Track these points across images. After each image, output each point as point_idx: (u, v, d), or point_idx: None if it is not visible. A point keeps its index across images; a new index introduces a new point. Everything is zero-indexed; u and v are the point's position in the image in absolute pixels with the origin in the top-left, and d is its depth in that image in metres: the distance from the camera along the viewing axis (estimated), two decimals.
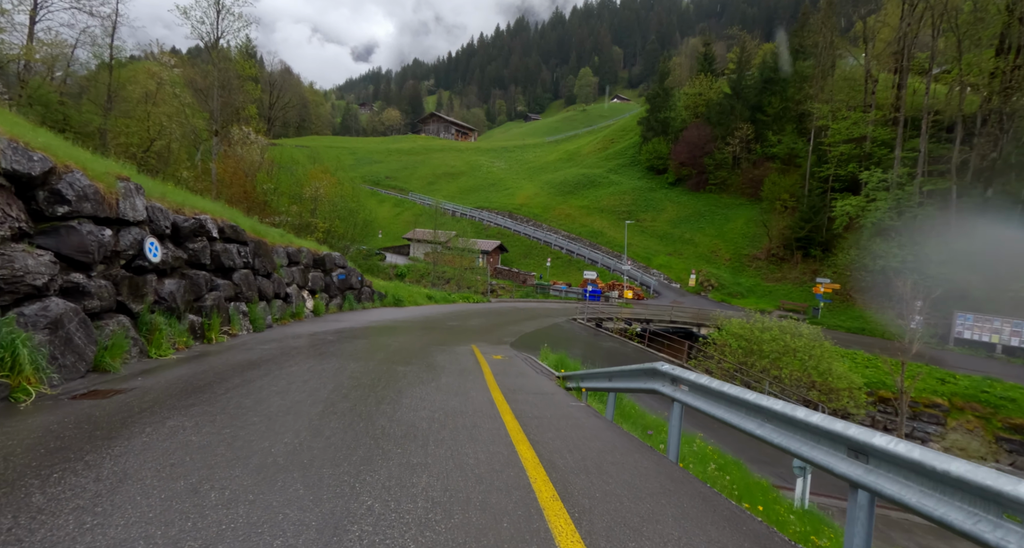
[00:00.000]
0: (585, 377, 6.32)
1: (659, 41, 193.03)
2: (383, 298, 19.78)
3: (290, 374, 6.18)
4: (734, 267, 42.76)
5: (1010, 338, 26.24)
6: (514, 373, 7.90)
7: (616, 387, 5.16)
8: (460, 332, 14.52)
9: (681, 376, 3.73)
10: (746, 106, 52.92)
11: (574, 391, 6.77)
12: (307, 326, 12.16)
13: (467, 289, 35.05)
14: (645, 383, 4.42)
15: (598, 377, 5.74)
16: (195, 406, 4.39)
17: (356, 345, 9.53)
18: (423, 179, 75.99)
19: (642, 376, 4.57)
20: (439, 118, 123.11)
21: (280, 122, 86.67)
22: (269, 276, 11.73)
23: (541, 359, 10.54)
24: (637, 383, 4.63)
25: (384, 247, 52.78)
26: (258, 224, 12.36)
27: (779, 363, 16.14)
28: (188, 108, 28.35)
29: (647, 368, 4.33)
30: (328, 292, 15.69)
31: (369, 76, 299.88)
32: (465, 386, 6.25)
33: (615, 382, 5.23)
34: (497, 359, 9.59)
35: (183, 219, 8.16)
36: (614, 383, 5.24)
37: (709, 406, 3.45)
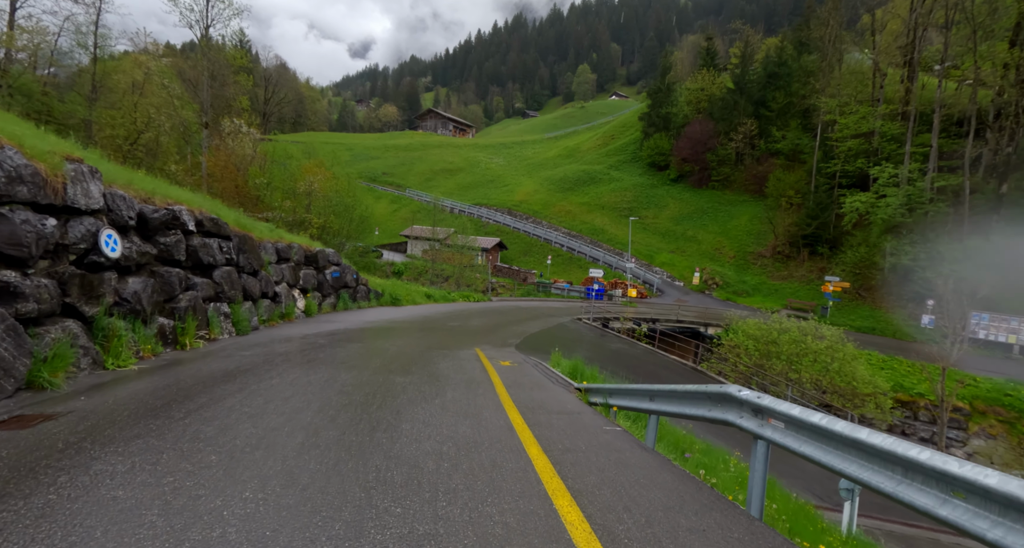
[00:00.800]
0: (615, 393, 5.39)
1: (657, 38, 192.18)
2: (380, 297, 18.84)
3: (269, 389, 5.25)
4: (739, 265, 41.93)
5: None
6: (528, 384, 6.99)
7: (661, 410, 4.23)
8: (462, 334, 13.61)
9: (770, 407, 2.83)
10: (749, 101, 52.04)
11: (600, 407, 5.87)
12: (297, 328, 11.22)
13: (466, 287, 34.13)
14: (709, 410, 3.50)
15: (634, 395, 4.81)
16: (140, 438, 3.46)
17: (349, 350, 8.61)
18: (420, 175, 74.92)
19: (704, 401, 3.64)
20: (437, 114, 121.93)
21: (275, 118, 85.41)
22: (255, 274, 10.79)
23: (552, 365, 9.63)
24: (697, 409, 3.71)
25: (381, 244, 51.77)
26: (243, 217, 11.40)
27: (797, 366, 15.30)
28: (177, 99, 27.26)
29: (715, 392, 3.41)
30: (321, 291, 14.74)
31: (366, 73, 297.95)
32: (475, 403, 5.33)
33: (659, 404, 4.31)
34: (506, 366, 8.67)
35: (152, 209, 7.20)
36: (658, 405, 4.32)
37: (819, 451, 2.54)
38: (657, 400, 4.36)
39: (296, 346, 8.64)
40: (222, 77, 27.96)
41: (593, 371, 8.59)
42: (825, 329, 15.47)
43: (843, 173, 38.69)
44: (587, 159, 70.41)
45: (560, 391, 6.74)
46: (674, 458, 5.35)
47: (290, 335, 10.00)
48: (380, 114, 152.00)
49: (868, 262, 32.61)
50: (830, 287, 31.41)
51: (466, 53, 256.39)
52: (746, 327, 16.91)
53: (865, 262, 32.75)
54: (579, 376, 8.31)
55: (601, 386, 5.85)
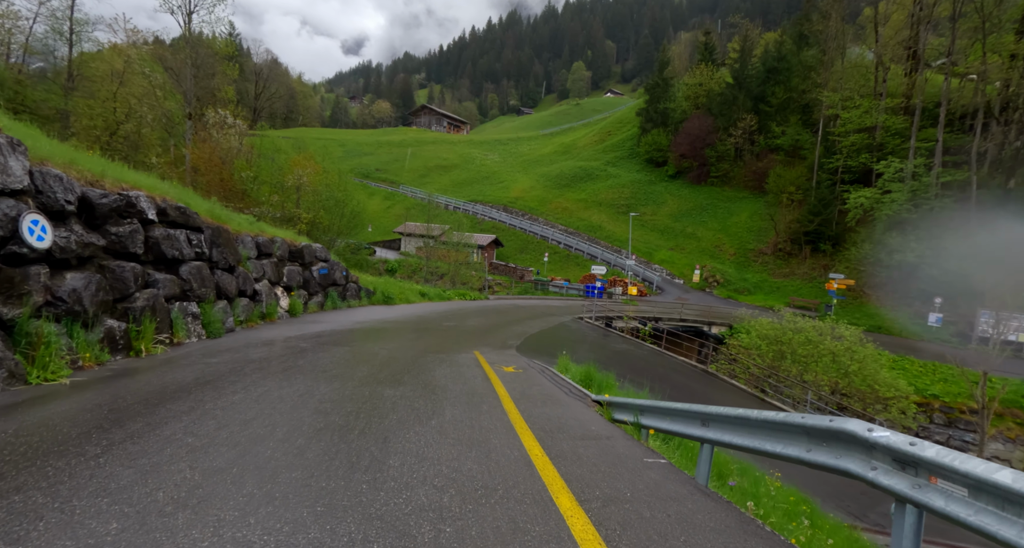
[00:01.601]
0: (650, 411, 4.43)
1: (652, 36, 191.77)
2: (371, 295, 17.83)
3: (228, 408, 4.28)
4: (739, 262, 41.19)
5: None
6: (538, 396, 6.04)
7: (723, 441, 3.25)
8: (459, 335, 12.66)
9: (938, 462, 1.87)
10: (749, 96, 51.28)
11: (628, 427, 4.93)
12: (279, 329, 10.22)
13: (462, 285, 33.15)
14: (809, 451, 2.48)
15: (679, 417, 3.85)
16: (19, 492, 2.48)
17: (334, 355, 7.63)
18: (414, 172, 73.74)
19: (798, 437, 2.58)
20: (431, 110, 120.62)
21: (266, 113, 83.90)
22: (232, 270, 9.77)
23: (561, 370, 8.70)
24: (786, 446, 2.68)
25: (374, 241, 50.65)
26: (219, 208, 10.37)
27: (813, 367, 14.48)
28: (160, 90, 26.03)
29: (822, 427, 2.38)
30: (307, 289, 13.73)
31: (359, 69, 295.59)
32: (480, 424, 4.38)
33: (719, 432, 3.30)
34: (510, 372, 7.73)
35: (100, 194, 6.18)
36: (717, 433, 3.32)
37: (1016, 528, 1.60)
38: (715, 427, 3.43)
39: (274, 351, 7.65)
40: (207, 67, 26.76)
41: (608, 378, 7.65)
42: (843, 328, 14.65)
43: (845, 168, 38.00)
44: (584, 155, 69.50)
45: (577, 405, 5.80)
46: (733, 497, 4.42)
47: (269, 338, 9.00)
48: (374, 110, 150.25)
49: (872, 259, 31.90)
50: (834, 285, 30.69)
51: (460, 50, 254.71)
52: (759, 327, 16.06)
53: (869, 259, 32.04)
54: (593, 385, 7.38)
55: (629, 401, 4.91)
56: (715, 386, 14.43)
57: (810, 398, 12.26)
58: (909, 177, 31.96)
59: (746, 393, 14.04)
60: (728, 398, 13.67)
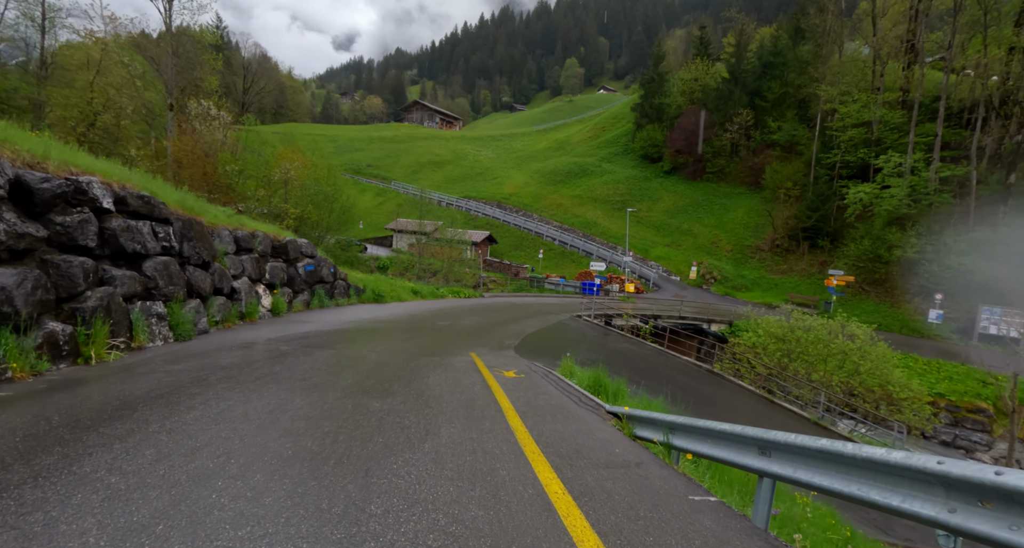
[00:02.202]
0: (684, 430, 3.68)
1: (645, 33, 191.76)
2: (361, 293, 17.02)
3: (177, 430, 3.51)
4: (736, 259, 40.72)
5: None
6: (546, 408, 5.32)
7: (796, 479, 2.52)
8: (453, 335, 11.92)
9: None
10: (744, 91, 50.80)
11: (653, 445, 4.22)
12: (259, 330, 9.42)
13: (456, 282, 32.35)
14: (965, 515, 1.66)
15: (727, 441, 3.09)
16: None
17: (316, 360, 6.87)
18: (407, 168, 72.66)
19: (934, 489, 1.81)
20: (423, 106, 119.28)
21: (255, 108, 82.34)
22: (206, 266, 8.96)
23: (565, 374, 8.00)
24: (917, 502, 1.78)
25: (365, 238, 49.68)
26: (191, 198, 9.54)
27: (821, 367, 13.91)
28: (139, 80, 24.97)
29: (992, 485, 1.58)
30: (292, 286, 12.91)
31: (351, 65, 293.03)
32: (484, 448, 3.65)
33: (787, 465, 2.53)
34: (510, 378, 7.01)
35: (41, 178, 5.36)
36: (785, 467, 2.54)
37: None
38: (781, 458, 2.71)
39: (249, 355, 6.87)
40: (189, 56, 25.70)
41: (619, 385, 6.94)
42: (855, 327, 14.08)
43: (843, 164, 37.61)
44: (578, 151, 68.79)
45: (591, 419, 5.08)
46: None
47: (247, 339, 8.21)
48: (365, 106, 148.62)
49: (872, 255, 31.52)
50: (834, 281, 30.26)
51: (453, 46, 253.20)
52: (766, 325, 15.47)
53: (869, 255, 31.65)
54: (604, 392, 6.67)
55: (657, 416, 4.19)
56: (722, 387, 13.81)
57: (823, 400, 11.68)
58: (908, 172, 31.58)
59: (755, 395, 13.43)
60: (736, 400, 13.06)
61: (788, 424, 11.89)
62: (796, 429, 12.35)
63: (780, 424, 11.72)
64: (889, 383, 12.99)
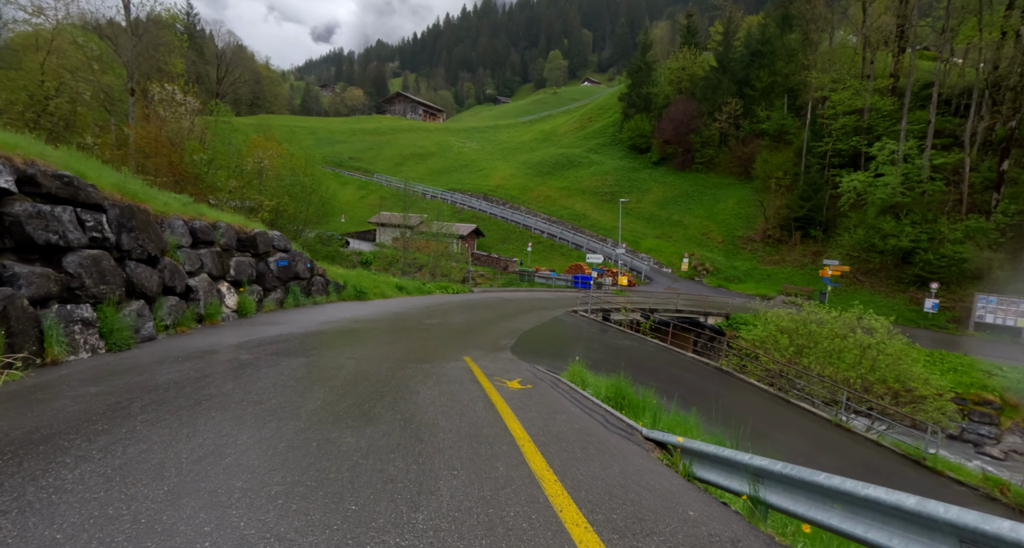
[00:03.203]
0: (788, 484, 2.55)
1: (629, 25, 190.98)
2: (341, 290, 15.71)
3: (33, 506, 2.31)
4: (728, 250, 40.13)
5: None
6: (570, 436, 4.20)
7: None
8: (444, 335, 10.75)
9: None
10: (733, 80, 50.12)
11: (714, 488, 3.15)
12: (219, 334, 8.14)
13: (442, 277, 31.10)
14: None
15: (885, 515, 1.97)
16: None
17: (282, 372, 5.66)
18: (389, 160, 70.75)
19: None
20: (406, 98, 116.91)
21: (230, 98, 79.42)
22: (154, 262, 7.65)
23: (576, 381, 6.91)
24: None
25: (347, 233, 48.04)
26: (136, 182, 8.19)
27: (836, 363, 13.09)
28: (96, 61, 23.08)
29: None
30: (262, 284, 11.59)
31: (330, 57, 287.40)
32: (504, 519, 2.52)
33: None
34: (515, 390, 5.89)
35: None
36: None
37: None
38: None
39: (197, 368, 5.63)
40: (151, 36, 23.83)
41: (647, 398, 5.86)
42: (873, 320, 13.27)
43: (835, 152, 37.14)
44: (565, 142, 67.67)
45: (631, 451, 3.98)
46: None
47: (201, 347, 6.94)
48: (346, 98, 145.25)
49: (866, 244, 31.07)
50: (828, 271, 29.70)
51: (435, 38, 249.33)
52: (776, 319, 14.60)
53: (863, 244, 31.20)
54: (631, 407, 5.59)
55: (732, 455, 3.07)
56: (731, 385, 12.90)
57: (844, 399, 10.83)
58: (901, 160, 31.13)
59: (767, 394, 12.55)
60: (748, 399, 12.16)
61: (805, 425, 11.02)
62: (814, 430, 11.51)
63: (799, 426, 10.84)
64: (911, 379, 12.23)
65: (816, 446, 9.76)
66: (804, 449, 9.53)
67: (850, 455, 9.77)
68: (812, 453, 9.28)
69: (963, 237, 28.21)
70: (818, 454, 9.26)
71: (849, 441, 10.41)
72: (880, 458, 9.64)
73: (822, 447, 9.77)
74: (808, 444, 9.79)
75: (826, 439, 10.19)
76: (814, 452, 9.32)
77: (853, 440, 10.46)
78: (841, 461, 9.24)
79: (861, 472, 8.91)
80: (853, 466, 9.23)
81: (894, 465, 9.52)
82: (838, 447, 10.00)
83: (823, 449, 9.67)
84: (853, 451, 9.93)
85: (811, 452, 9.30)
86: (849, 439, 10.52)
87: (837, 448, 9.93)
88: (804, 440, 10.00)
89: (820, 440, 10.02)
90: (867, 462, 9.54)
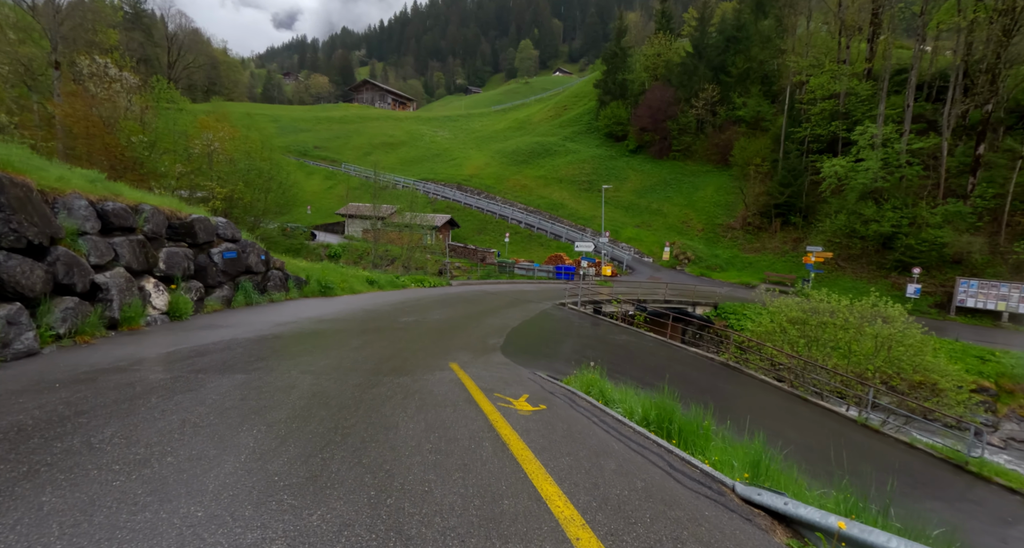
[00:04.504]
0: None
1: (599, 15, 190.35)
2: (304, 285, 13.87)
3: None
4: (708, 238, 39.55)
5: (1018, 304, 24.23)
6: (633, 501, 2.76)
7: None
8: (423, 335, 9.19)
9: None
10: (709, 67, 49.46)
11: None
12: (135, 344, 6.36)
13: (417, 270, 29.27)
14: None
15: None
16: None
17: (202, 401, 4.03)
18: (358, 149, 67.77)
19: None
20: (374, 86, 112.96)
21: (184, 84, 74.62)
22: (38, 252, 5.83)
23: (593, 394, 5.49)
24: None
25: (314, 225, 45.49)
26: (11, 149, 6.28)
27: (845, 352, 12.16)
28: (12, 30, 20.26)
29: None
30: (203, 279, 9.74)
31: (293, 45, 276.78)
32: None
33: None
34: (527, 415, 4.42)
35: None
36: None
37: None
38: None
39: (74, 399, 3.93)
40: (78, 2, 21.10)
41: (697, 420, 4.47)
42: (890, 308, 12.35)
43: (814, 138, 36.84)
44: (540, 131, 66.13)
45: (741, 534, 2.55)
46: None
47: (101, 363, 5.20)
48: (311, 85, 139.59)
49: (847, 230, 30.79)
50: (812, 258, 29.31)
51: (403, 25, 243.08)
52: (786, 309, 13.56)
53: (844, 230, 30.92)
54: (682, 434, 4.18)
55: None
56: (742, 383, 11.79)
57: (871, 397, 9.83)
58: (880, 144, 30.89)
59: (781, 391, 11.47)
60: (762, 398, 11.04)
61: (829, 425, 9.95)
62: (840, 431, 10.48)
63: (823, 427, 9.75)
64: (932, 371, 11.40)
65: (850, 452, 8.64)
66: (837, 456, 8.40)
67: (887, 460, 8.70)
68: (850, 461, 8.12)
69: (942, 221, 28.14)
70: (855, 461, 8.13)
71: (879, 443, 9.37)
72: (919, 463, 8.62)
73: (856, 452, 8.67)
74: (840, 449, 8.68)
75: (857, 442, 9.11)
76: (851, 459, 8.18)
77: (883, 442, 9.44)
78: (880, 467, 8.14)
79: (906, 481, 7.83)
80: (894, 473, 8.16)
81: (935, 471, 8.51)
82: (871, 451, 8.94)
83: (858, 454, 8.57)
84: (888, 455, 8.88)
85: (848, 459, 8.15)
86: (878, 441, 9.49)
87: (871, 453, 8.86)
88: (834, 445, 8.89)
89: (852, 444, 8.93)
90: (907, 468, 8.49)
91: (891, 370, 11.52)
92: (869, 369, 11.64)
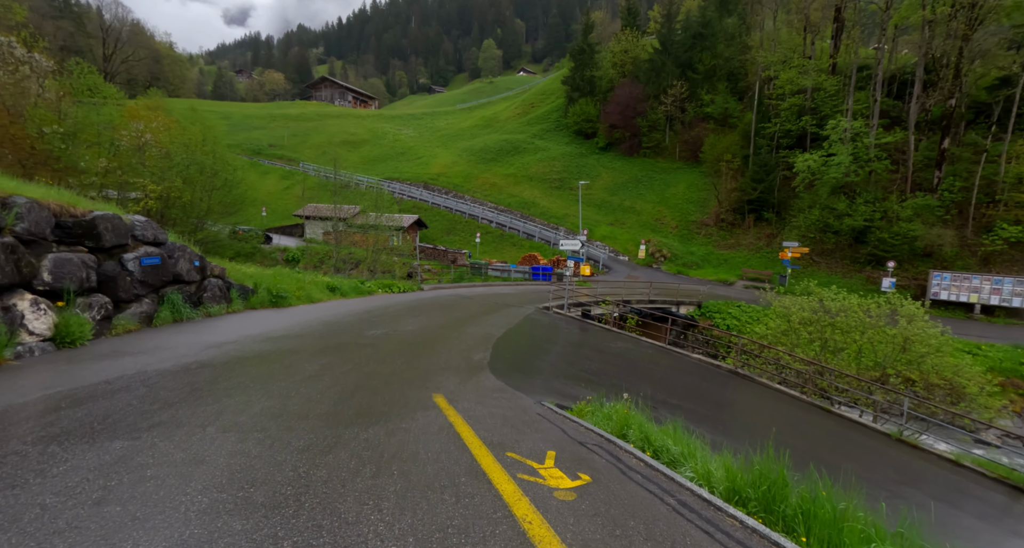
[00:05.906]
0: None
1: (560, 15, 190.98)
2: (250, 295, 11.83)
3: None
4: (683, 235, 39.04)
5: (990, 296, 24.41)
6: None
7: None
8: (394, 353, 7.50)
9: None
10: (676, 63, 49.24)
11: None
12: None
13: (384, 274, 27.21)
14: None
15: None
16: None
17: (24, 512, 2.24)
18: (317, 148, 64.52)
19: None
20: (333, 83, 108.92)
21: (123, 79, 69.37)
22: None
23: (637, 440, 4.00)
24: None
25: (270, 228, 42.52)
26: None
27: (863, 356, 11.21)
28: None
29: None
30: (112, 293, 7.71)
31: (246, 41, 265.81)
32: None
33: None
34: (567, 500, 2.86)
35: None
36: None
37: None
38: None
39: None
40: None
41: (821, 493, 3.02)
42: (909, 305, 11.45)
43: (783, 133, 36.84)
44: (508, 128, 64.69)
45: None
46: None
47: None
48: (265, 81, 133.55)
49: (821, 225, 30.70)
50: (788, 253, 28.97)
51: (362, 23, 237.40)
52: (799, 310, 12.48)
53: (818, 225, 30.81)
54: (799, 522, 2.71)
55: None
56: (757, 394, 10.60)
57: (906, 407, 8.82)
58: (849, 139, 30.94)
59: (802, 402, 10.34)
60: (783, 412, 9.86)
61: (862, 442, 8.83)
62: (876, 448, 9.39)
63: (855, 445, 8.61)
64: (958, 373, 10.57)
65: (895, 474, 7.48)
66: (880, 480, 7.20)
67: (938, 482, 7.59)
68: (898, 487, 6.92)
69: (912, 214, 28.30)
70: (900, 485, 6.96)
71: (922, 462, 8.28)
72: (976, 486, 7.53)
73: (900, 474, 7.52)
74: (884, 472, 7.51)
75: (901, 463, 7.97)
76: (899, 484, 7.00)
77: (926, 460, 8.36)
78: (935, 493, 6.98)
79: (976, 508, 6.70)
80: (952, 494, 7.03)
81: (994, 495, 7.44)
82: (916, 472, 7.82)
83: (905, 477, 7.43)
84: (938, 477, 7.77)
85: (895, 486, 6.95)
86: (920, 459, 8.40)
87: (916, 474, 7.74)
88: (874, 466, 7.72)
89: (894, 465, 7.79)
90: (962, 490, 7.39)
91: (914, 375, 10.63)
92: (890, 372, 10.73)
